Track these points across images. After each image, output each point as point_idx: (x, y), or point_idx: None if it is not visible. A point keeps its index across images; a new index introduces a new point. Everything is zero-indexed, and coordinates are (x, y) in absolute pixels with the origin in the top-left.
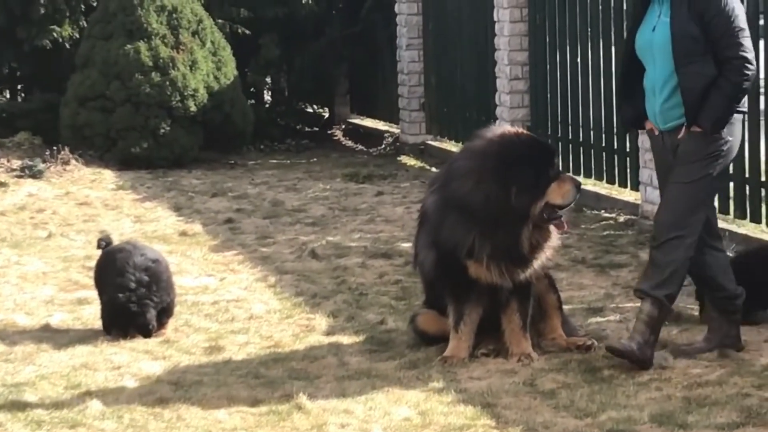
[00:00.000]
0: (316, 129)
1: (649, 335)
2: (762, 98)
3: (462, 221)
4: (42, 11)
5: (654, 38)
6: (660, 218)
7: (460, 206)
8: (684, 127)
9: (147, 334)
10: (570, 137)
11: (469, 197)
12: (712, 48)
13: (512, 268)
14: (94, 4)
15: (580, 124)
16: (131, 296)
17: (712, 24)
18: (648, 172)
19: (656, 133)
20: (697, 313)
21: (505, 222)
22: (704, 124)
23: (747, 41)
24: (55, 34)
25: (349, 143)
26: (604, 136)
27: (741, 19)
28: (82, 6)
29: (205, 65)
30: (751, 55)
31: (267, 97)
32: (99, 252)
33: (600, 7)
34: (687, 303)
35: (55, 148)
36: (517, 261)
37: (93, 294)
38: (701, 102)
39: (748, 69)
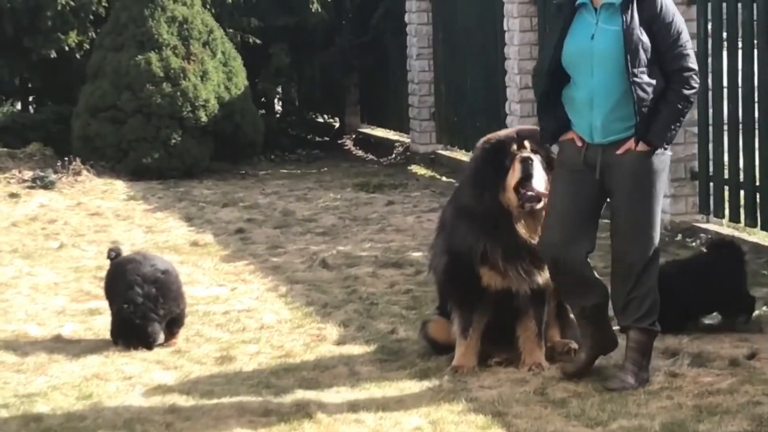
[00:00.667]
0: (327, 139)
1: (641, 360)
2: None
3: (472, 228)
4: (50, 22)
5: (594, 46)
6: (632, 251)
7: (466, 214)
8: (630, 141)
9: (149, 346)
10: None
11: (469, 204)
12: (658, 59)
13: (529, 268)
14: (103, 14)
15: None
16: (136, 310)
17: (660, 34)
18: None
19: (579, 144)
20: (709, 321)
21: (499, 223)
22: (656, 141)
23: (693, 53)
24: (61, 44)
25: (360, 153)
26: None
27: (686, 31)
28: (91, 16)
29: (215, 75)
30: (697, 67)
31: (277, 106)
32: (110, 262)
33: None
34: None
35: (66, 158)
36: (531, 259)
37: (104, 304)
38: (650, 116)
39: (696, 81)
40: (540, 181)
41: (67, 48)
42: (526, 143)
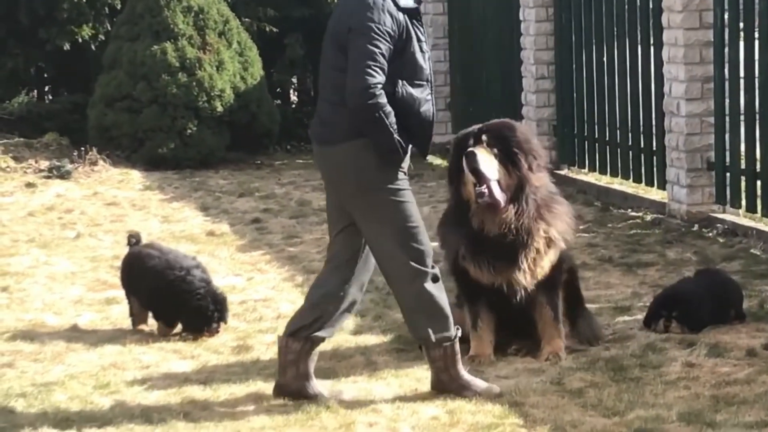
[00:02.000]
0: None
1: None
2: None
3: (449, 223)
4: (65, 14)
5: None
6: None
7: (448, 208)
8: None
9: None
10: (596, 136)
11: (449, 197)
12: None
13: (499, 264)
14: (118, 6)
15: (607, 123)
16: (205, 296)
17: None
18: (675, 171)
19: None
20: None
21: (461, 217)
22: None
23: None
24: (75, 36)
25: None
26: (630, 135)
27: None
28: (106, 8)
29: (231, 66)
30: None
31: (293, 97)
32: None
33: (626, 6)
34: None
35: (82, 148)
36: (498, 254)
37: (121, 294)
38: None
39: None
40: (490, 175)
41: (80, 40)
42: (484, 137)
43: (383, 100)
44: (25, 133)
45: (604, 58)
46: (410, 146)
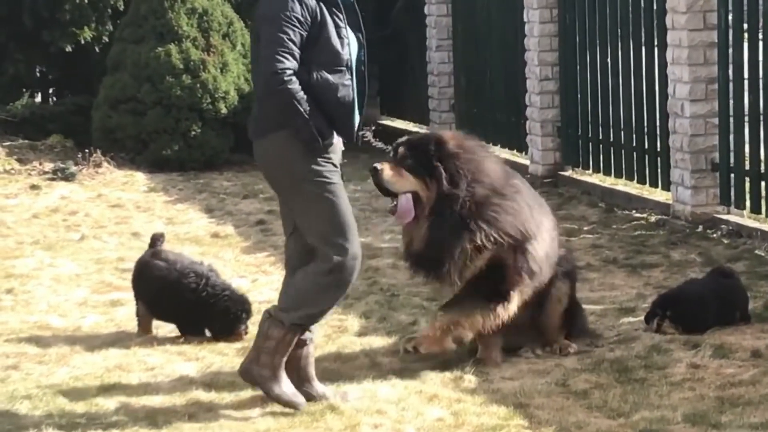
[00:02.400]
0: None
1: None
2: None
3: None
4: (68, 15)
5: (357, 50)
6: None
7: None
8: None
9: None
10: (600, 137)
11: None
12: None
13: (439, 278)
14: (121, 8)
15: (611, 124)
16: (229, 296)
17: None
18: (679, 172)
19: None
20: None
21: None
22: None
23: None
24: (77, 38)
25: (380, 144)
26: (634, 136)
27: None
28: (109, 10)
29: (235, 67)
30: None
31: None
32: (134, 252)
33: (630, 8)
34: None
35: (87, 150)
36: (428, 267)
37: (126, 296)
38: None
39: None
40: (398, 189)
41: (82, 42)
42: (400, 149)
43: (295, 86)
44: (29, 135)
45: (608, 60)
46: (339, 138)
